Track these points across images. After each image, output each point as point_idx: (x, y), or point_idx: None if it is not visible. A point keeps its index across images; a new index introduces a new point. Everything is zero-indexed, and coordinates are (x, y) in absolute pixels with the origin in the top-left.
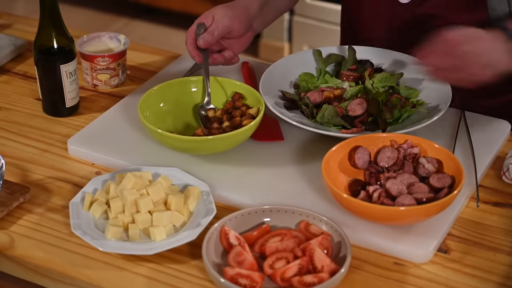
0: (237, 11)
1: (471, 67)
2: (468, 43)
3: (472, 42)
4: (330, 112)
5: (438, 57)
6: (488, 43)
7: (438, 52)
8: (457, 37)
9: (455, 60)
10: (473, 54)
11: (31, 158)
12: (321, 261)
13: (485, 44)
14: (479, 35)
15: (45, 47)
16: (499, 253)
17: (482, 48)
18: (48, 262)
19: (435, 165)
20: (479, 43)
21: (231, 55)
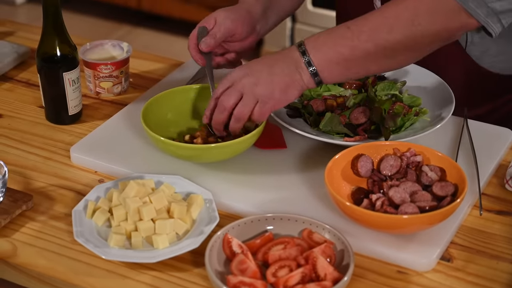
0: (239, 14)
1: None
2: (248, 76)
3: (251, 73)
4: (333, 120)
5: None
6: (270, 69)
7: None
8: (236, 73)
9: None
10: (253, 84)
11: (34, 165)
12: (324, 270)
13: (266, 71)
14: (260, 64)
15: (48, 54)
16: (502, 261)
17: (263, 76)
18: (50, 270)
19: (438, 173)
20: (258, 73)
21: (234, 58)
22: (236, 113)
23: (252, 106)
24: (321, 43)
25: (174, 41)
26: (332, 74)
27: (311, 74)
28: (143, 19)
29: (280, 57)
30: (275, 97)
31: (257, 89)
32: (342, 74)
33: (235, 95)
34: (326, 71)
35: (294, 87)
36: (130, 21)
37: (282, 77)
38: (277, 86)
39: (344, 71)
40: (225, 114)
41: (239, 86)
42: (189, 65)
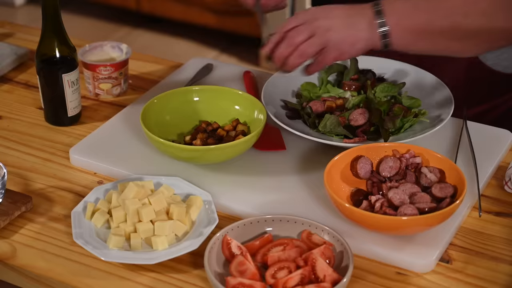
0: None
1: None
2: (324, 19)
3: (328, 18)
4: (332, 122)
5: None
6: (347, 19)
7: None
8: (312, 13)
9: (310, 32)
10: (327, 28)
11: (33, 167)
12: (323, 271)
13: (343, 20)
14: (338, 11)
15: (47, 56)
16: (501, 263)
17: (338, 24)
18: (49, 272)
19: (437, 175)
20: (335, 19)
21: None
22: (301, 49)
23: (319, 48)
24: (398, 7)
25: (173, 43)
26: (401, 40)
27: (381, 35)
28: (142, 20)
29: (355, 11)
30: (342, 48)
31: (330, 34)
32: (410, 44)
33: (306, 33)
34: (397, 36)
35: (363, 43)
36: (129, 22)
37: (355, 31)
38: (348, 38)
39: (414, 41)
40: (290, 49)
41: (312, 26)
42: (188, 66)
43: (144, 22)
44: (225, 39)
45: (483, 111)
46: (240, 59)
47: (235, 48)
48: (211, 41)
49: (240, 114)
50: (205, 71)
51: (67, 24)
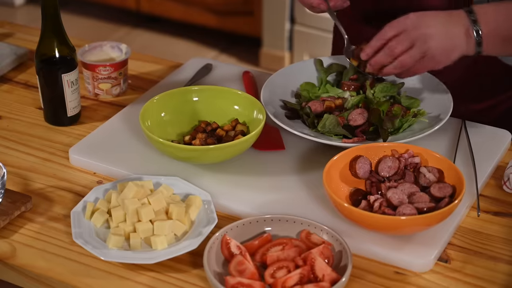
0: None
1: (427, 50)
2: (424, 28)
3: (427, 27)
4: (332, 122)
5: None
6: (445, 28)
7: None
8: (411, 22)
9: (410, 43)
10: (428, 37)
11: (32, 167)
12: (322, 270)
13: (441, 29)
14: (437, 19)
15: (46, 56)
16: (499, 262)
17: (438, 33)
18: (49, 271)
19: (436, 175)
20: (434, 28)
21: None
22: (400, 61)
23: (418, 58)
24: (492, 16)
25: (173, 43)
26: (492, 47)
27: (476, 43)
28: (142, 20)
29: (452, 19)
30: (440, 58)
31: (430, 43)
32: (500, 49)
33: (406, 44)
34: (489, 43)
35: (457, 51)
36: (128, 22)
37: (453, 40)
38: (447, 48)
39: (504, 47)
40: (390, 59)
41: (413, 35)
42: (188, 66)
43: (143, 22)
44: (225, 39)
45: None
46: (239, 59)
47: (235, 48)
48: (210, 41)
49: (240, 114)
50: (205, 71)
51: (67, 24)
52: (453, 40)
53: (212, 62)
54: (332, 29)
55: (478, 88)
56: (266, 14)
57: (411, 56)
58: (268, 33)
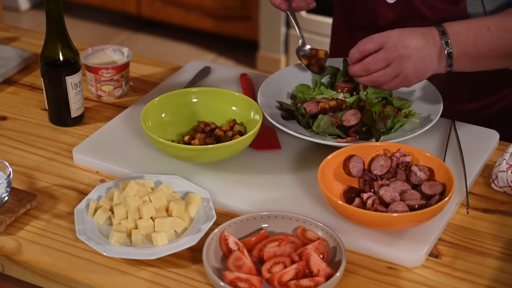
0: None
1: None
2: (402, 49)
3: (406, 48)
4: (326, 122)
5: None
6: (422, 51)
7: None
8: (391, 40)
9: (387, 62)
10: (404, 59)
11: (37, 166)
12: (317, 266)
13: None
14: (415, 40)
15: (51, 59)
16: (488, 257)
17: (415, 56)
18: (54, 267)
19: (427, 173)
20: (412, 51)
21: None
22: (374, 77)
23: (392, 77)
24: (463, 39)
25: (173, 47)
26: (462, 65)
27: (447, 64)
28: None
29: (427, 40)
30: (411, 79)
31: (406, 65)
32: (469, 67)
33: (382, 63)
34: (459, 62)
35: (429, 72)
36: (130, 27)
37: (426, 62)
38: (421, 69)
39: (472, 65)
40: (364, 73)
41: (391, 55)
42: (187, 69)
43: (144, 26)
44: (223, 43)
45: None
46: (237, 62)
47: (232, 52)
48: (209, 45)
49: (237, 115)
50: (203, 73)
51: (70, 29)
52: (426, 62)
53: (211, 65)
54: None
55: (468, 90)
56: (262, 18)
57: (385, 75)
58: (265, 37)
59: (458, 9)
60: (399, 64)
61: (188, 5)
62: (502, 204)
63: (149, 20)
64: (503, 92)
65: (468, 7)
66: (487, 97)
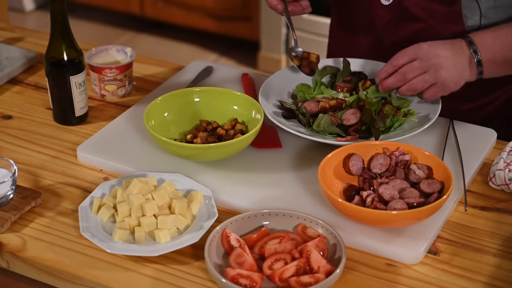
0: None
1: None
2: (435, 58)
3: (438, 57)
4: (326, 121)
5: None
6: (454, 59)
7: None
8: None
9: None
10: (439, 67)
11: (42, 164)
12: (317, 262)
13: (451, 60)
14: (445, 50)
15: (55, 59)
16: (486, 254)
17: (448, 63)
18: (58, 263)
19: (425, 171)
20: (445, 59)
21: (306, 4)
22: (413, 83)
23: (429, 85)
24: (489, 45)
25: (176, 47)
26: (490, 71)
27: (478, 72)
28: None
29: (457, 49)
30: (449, 86)
31: (442, 73)
32: (497, 72)
33: (419, 71)
34: (488, 69)
35: (464, 80)
36: (133, 27)
37: (461, 71)
38: (456, 77)
39: (500, 70)
40: (401, 84)
41: (426, 64)
42: (190, 69)
43: (147, 27)
44: (225, 43)
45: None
46: (238, 62)
47: (234, 52)
48: (211, 45)
49: (239, 114)
50: (206, 73)
51: (75, 29)
52: (459, 70)
53: (213, 64)
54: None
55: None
56: (264, 19)
57: (424, 81)
58: (266, 37)
59: (453, 10)
60: (436, 71)
61: (191, 6)
62: (499, 202)
63: (153, 21)
64: (499, 91)
65: (463, 9)
66: (483, 96)
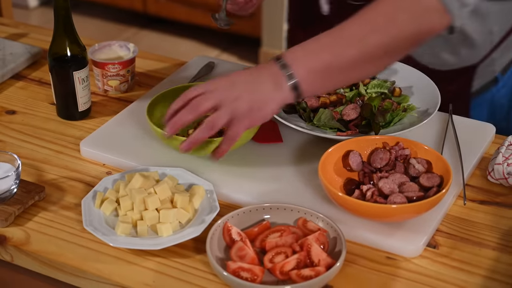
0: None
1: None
2: (228, 89)
3: (232, 87)
4: (326, 116)
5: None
6: (250, 84)
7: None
8: (215, 83)
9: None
10: (231, 99)
11: (45, 159)
12: (318, 256)
13: (246, 86)
14: (240, 77)
15: (59, 55)
16: (484, 248)
17: (243, 91)
18: (61, 257)
19: (425, 166)
20: (238, 86)
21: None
22: (208, 121)
23: (226, 120)
24: (302, 53)
25: (178, 43)
26: (313, 84)
27: (291, 87)
28: (149, 21)
29: (260, 73)
30: (251, 115)
31: (236, 104)
32: (322, 84)
33: (212, 102)
34: (307, 81)
35: (272, 104)
36: (136, 23)
37: (261, 95)
38: (255, 104)
39: (325, 80)
40: (192, 115)
41: (219, 96)
42: (192, 64)
43: (150, 23)
44: (226, 39)
45: None
46: (240, 57)
47: (236, 48)
48: (213, 41)
49: None
50: (207, 68)
51: (78, 25)
52: (261, 95)
53: (215, 60)
54: None
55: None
56: (265, 16)
57: (219, 117)
58: (267, 34)
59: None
60: (230, 105)
61: (193, 2)
62: (498, 196)
63: (155, 17)
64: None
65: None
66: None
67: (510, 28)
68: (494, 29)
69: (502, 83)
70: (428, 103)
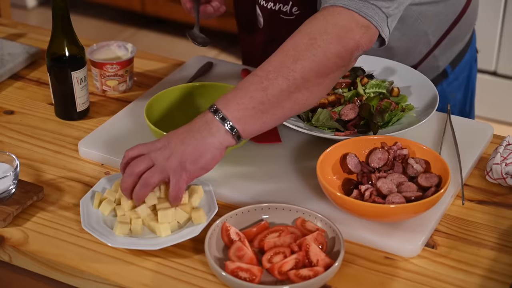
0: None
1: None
2: (161, 149)
3: (164, 147)
4: (325, 116)
5: None
6: (183, 140)
7: None
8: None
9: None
10: (164, 157)
11: (44, 159)
12: (316, 256)
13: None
14: (173, 135)
15: (57, 55)
16: (482, 248)
17: (174, 148)
18: (60, 257)
19: (423, 166)
20: (170, 144)
21: (217, 5)
22: (143, 179)
23: (161, 176)
24: (231, 96)
25: (176, 43)
26: (248, 122)
27: (228, 129)
28: (147, 21)
29: (194, 125)
30: (187, 169)
31: (169, 162)
32: (259, 121)
33: (146, 163)
34: (242, 121)
35: (211, 151)
36: (134, 23)
37: (194, 147)
38: (188, 157)
39: (261, 116)
40: (132, 179)
41: (152, 156)
42: (190, 64)
43: (148, 23)
44: (225, 39)
45: None
46: (238, 57)
47: (234, 48)
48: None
49: None
50: (206, 68)
51: (76, 25)
52: (194, 148)
53: (213, 60)
54: None
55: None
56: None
57: (153, 172)
58: None
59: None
60: (163, 163)
61: None
62: (496, 195)
63: (153, 17)
64: None
65: None
66: None
67: (448, 26)
68: (429, 30)
69: (452, 76)
70: (427, 103)
